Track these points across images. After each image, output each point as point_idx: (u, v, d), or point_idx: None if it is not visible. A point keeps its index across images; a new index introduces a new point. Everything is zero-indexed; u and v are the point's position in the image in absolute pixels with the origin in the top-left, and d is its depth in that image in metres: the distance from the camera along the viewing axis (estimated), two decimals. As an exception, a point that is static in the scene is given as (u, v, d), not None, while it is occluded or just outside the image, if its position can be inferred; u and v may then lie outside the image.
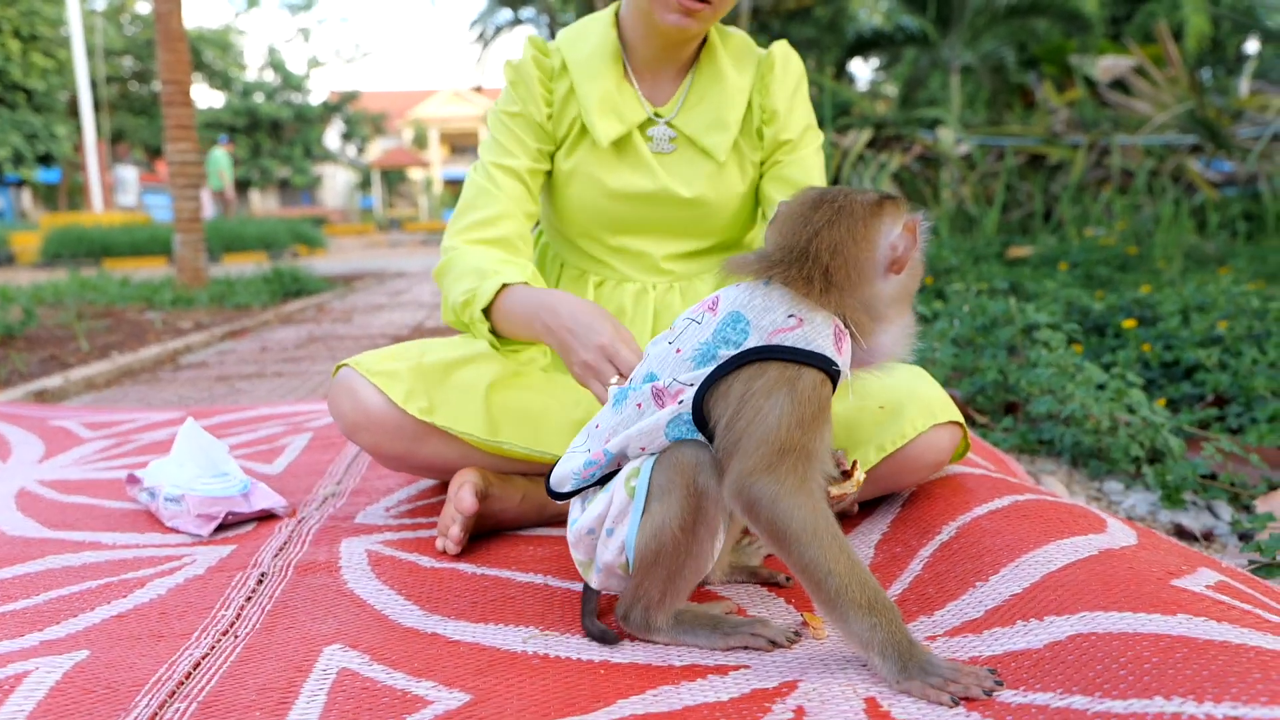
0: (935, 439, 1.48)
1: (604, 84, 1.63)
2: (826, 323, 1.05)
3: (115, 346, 4.58)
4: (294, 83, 33.19)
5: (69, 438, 2.52)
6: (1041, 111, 8.72)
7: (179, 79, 6.84)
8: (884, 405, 1.48)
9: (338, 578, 1.42)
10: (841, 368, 1.06)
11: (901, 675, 0.97)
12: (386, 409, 1.52)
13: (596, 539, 1.16)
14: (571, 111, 1.66)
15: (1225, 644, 0.90)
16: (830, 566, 0.98)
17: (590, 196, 1.67)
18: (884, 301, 1.08)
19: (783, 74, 1.67)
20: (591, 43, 1.66)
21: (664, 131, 1.67)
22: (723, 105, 1.65)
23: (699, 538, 1.09)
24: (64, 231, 13.71)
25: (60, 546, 1.61)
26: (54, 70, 22.45)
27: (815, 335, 1.04)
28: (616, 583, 1.18)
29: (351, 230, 28.53)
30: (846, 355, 1.07)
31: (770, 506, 1.00)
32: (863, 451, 1.46)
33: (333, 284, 8.50)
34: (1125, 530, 1.29)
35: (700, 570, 1.12)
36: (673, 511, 1.08)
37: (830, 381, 1.06)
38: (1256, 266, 4.88)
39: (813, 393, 1.03)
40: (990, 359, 2.71)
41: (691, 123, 1.66)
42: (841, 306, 1.06)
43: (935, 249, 5.14)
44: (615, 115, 1.64)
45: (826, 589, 0.99)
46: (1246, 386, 2.31)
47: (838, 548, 1.00)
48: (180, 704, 1.02)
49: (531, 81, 1.66)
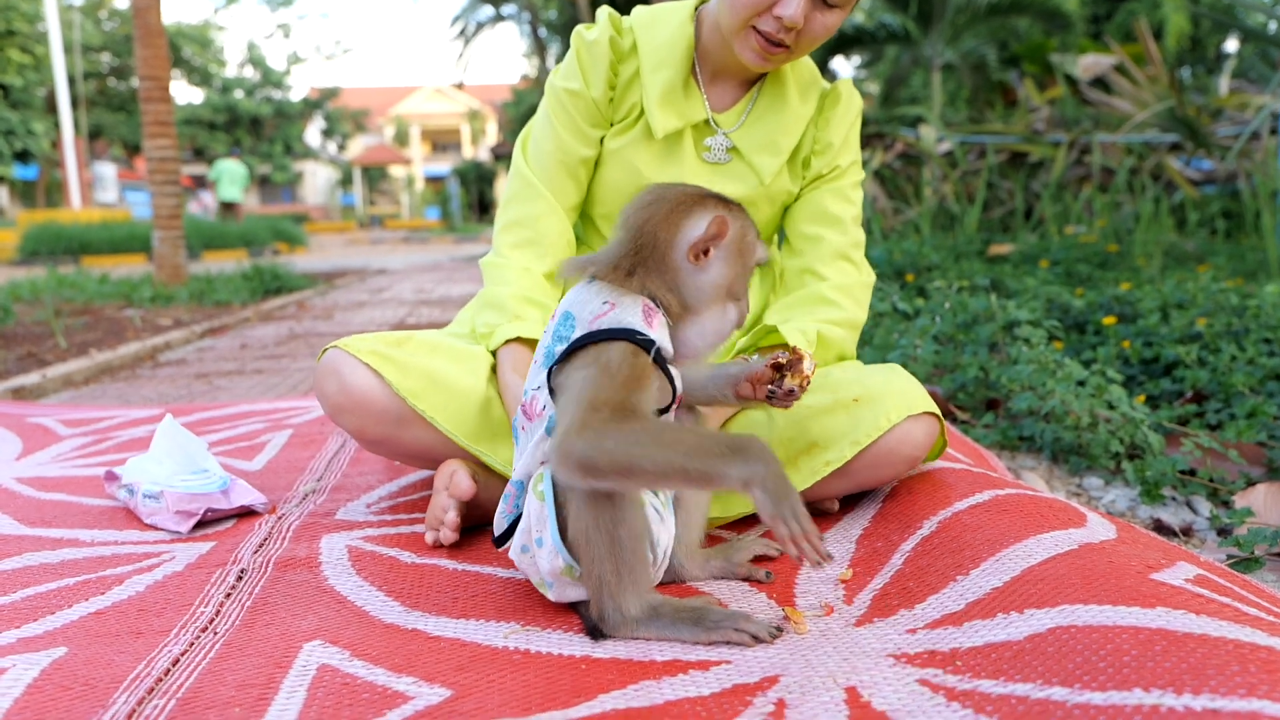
0: (911, 432, 1.47)
1: (670, 76, 1.61)
2: (636, 302, 1.14)
3: (94, 344, 4.53)
4: (274, 79, 33.02)
5: (47, 435, 2.49)
6: (1023, 109, 8.76)
7: (158, 75, 6.78)
8: (858, 399, 1.48)
9: (318, 574, 1.41)
10: (656, 339, 1.12)
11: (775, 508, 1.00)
12: (371, 391, 1.51)
13: (534, 556, 1.19)
14: (633, 95, 1.65)
15: (1204, 637, 0.90)
16: (668, 457, 1.01)
17: (624, 182, 1.66)
18: (693, 290, 1.15)
19: (845, 110, 1.69)
20: (666, 33, 1.64)
21: (722, 142, 1.67)
22: (779, 129, 1.65)
23: (620, 504, 1.10)
24: (42, 228, 13.57)
25: (38, 544, 1.60)
26: (31, 66, 22.25)
27: (625, 314, 1.12)
28: (573, 591, 1.19)
29: (333, 228, 28.40)
30: (660, 330, 1.14)
31: (588, 451, 1.02)
32: (838, 447, 1.47)
33: (314, 281, 8.45)
34: (1105, 525, 1.30)
35: (641, 536, 1.13)
36: (586, 493, 1.10)
37: (645, 352, 1.11)
38: (1235, 264, 4.92)
39: (621, 360, 1.09)
40: (971, 356, 2.72)
41: (747, 139, 1.66)
42: (647, 287, 1.14)
43: (917, 246, 5.15)
44: (675, 111, 1.63)
45: (681, 473, 1.02)
46: (1225, 383, 2.33)
47: (666, 438, 1.03)
48: (159, 700, 1.01)
49: (600, 61, 1.64)
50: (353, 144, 39.86)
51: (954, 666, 1.00)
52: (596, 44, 1.64)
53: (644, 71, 1.62)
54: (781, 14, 1.47)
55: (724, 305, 1.18)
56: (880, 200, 7.52)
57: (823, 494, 1.53)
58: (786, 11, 1.47)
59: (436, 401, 1.53)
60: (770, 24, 1.50)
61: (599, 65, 1.64)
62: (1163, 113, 7.01)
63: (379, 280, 9.50)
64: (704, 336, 1.17)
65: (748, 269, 1.19)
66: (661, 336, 1.14)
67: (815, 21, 1.51)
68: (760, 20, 1.50)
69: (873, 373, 1.54)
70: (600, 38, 1.64)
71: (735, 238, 1.16)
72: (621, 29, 1.66)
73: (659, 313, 1.15)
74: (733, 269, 1.16)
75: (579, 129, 1.66)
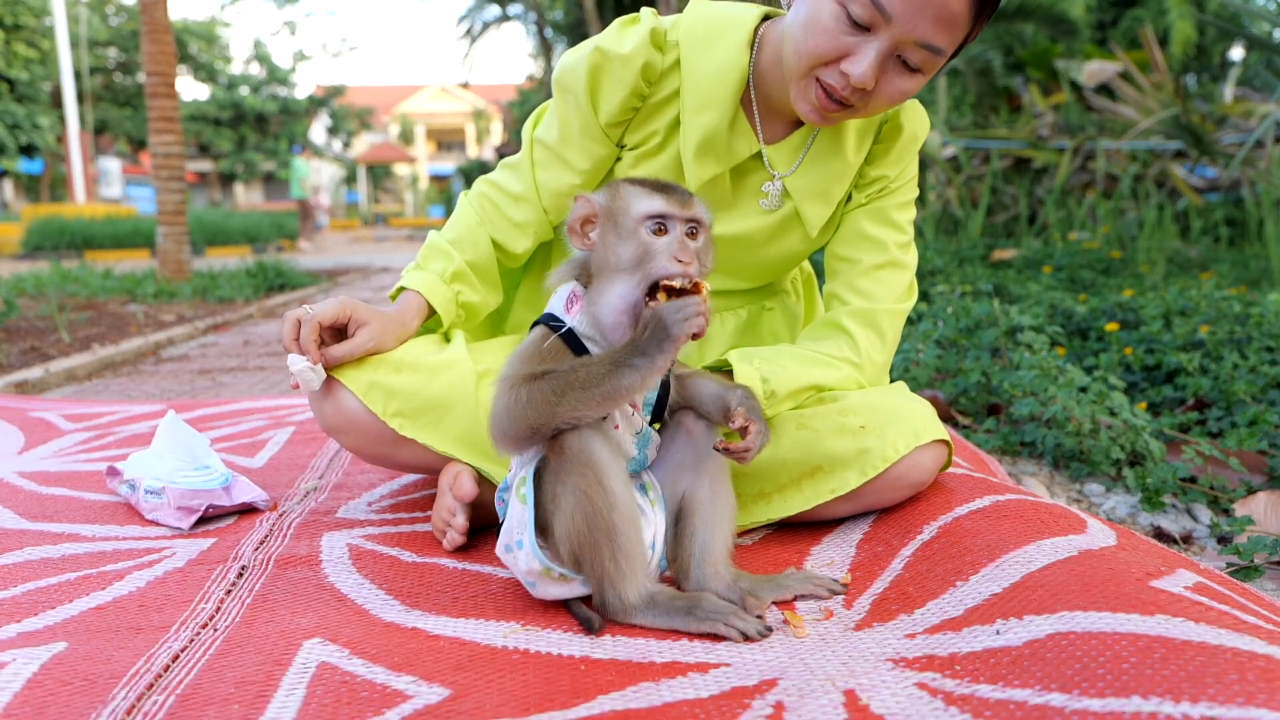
0: (920, 460, 1.44)
1: (715, 120, 1.45)
2: (565, 290, 1.22)
3: (96, 339, 4.54)
4: (280, 76, 33.05)
5: (49, 429, 2.50)
6: (1027, 115, 8.76)
7: (163, 71, 6.79)
8: (865, 426, 1.44)
9: (318, 571, 1.41)
10: (570, 324, 1.19)
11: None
12: (366, 415, 1.50)
13: (514, 556, 1.21)
14: (664, 117, 1.50)
15: (1203, 644, 0.90)
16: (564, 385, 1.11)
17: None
18: (596, 268, 1.20)
19: (906, 143, 1.55)
20: (718, 58, 1.44)
21: (777, 188, 1.54)
22: (831, 178, 1.53)
23: (608, 486, 1.13)
24: (46, 223, 13.59)
25: (39, 538, 1.60)
26: (37, 61, 22.29)
27: (555, 302, 1.23)
28: (556, 589, 1.21)
29: (337, 225, 28.40)
30: (579, 312, 1.20)
31: (504, 425, 1.14)
32: (843, 475, 1.44)
33: (317, 278, 8.46)
34: (1105, 531, 1.29)
35: (634, 520, 1.15)
36: (572, 482, 1.13)
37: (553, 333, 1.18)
38: (1239, 272, 4.92)
39: (531, 343, 1.19)
40: (973, 361, 2.72)
41: (800, 186, 1.53)
42: (570, 276, 1.23)
43: (920, 250, 5.15)
44: (714, 157, 1.48)
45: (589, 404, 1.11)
46: (1227, 391, 2.33)
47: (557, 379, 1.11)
48: (159, 696, 1.01)
49: (624, 83, 1.46)
50: (357, 142, 39.89)
51: (953, 671, 1.00)
52: (627, 62, 1.44)
53: (685, 109, 1.45)
54: (850, 70, 1.28)
55: (611, 278, 1.17)
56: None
57: (825, 515, 1.51)
58: (856, 70, 1.27)
59: (426, 422, 1.50)
60: (836, 78, 1.31)
61: (619, 86, 1.46)
62: (1167, 120, 7.01)
63: (383, 278, 9.50)
64: (606, 306, 1.18)
65: (624, 230, 1.16)
66: (583, 320, 1.20)
67: (890, 85, 1.32)
68: (825, 72, 1.31)
69: (881, 396, 1.49)
70: (634, 55, 1.44)
71: (605, 210, 1.18)
72: (664, 44, 1.46)
73: (582, 298, 1.20)
74: (609, 236, 1.17)
75: (576, 144, 1.54)
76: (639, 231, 1.15)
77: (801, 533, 1.52)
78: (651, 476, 1.29)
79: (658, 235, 1.15)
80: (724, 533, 1.26)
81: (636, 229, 1.15)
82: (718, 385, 1.26)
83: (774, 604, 1.25)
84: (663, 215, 1.15)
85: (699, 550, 1.25)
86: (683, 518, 1.28)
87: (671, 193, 1.17)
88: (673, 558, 1.28)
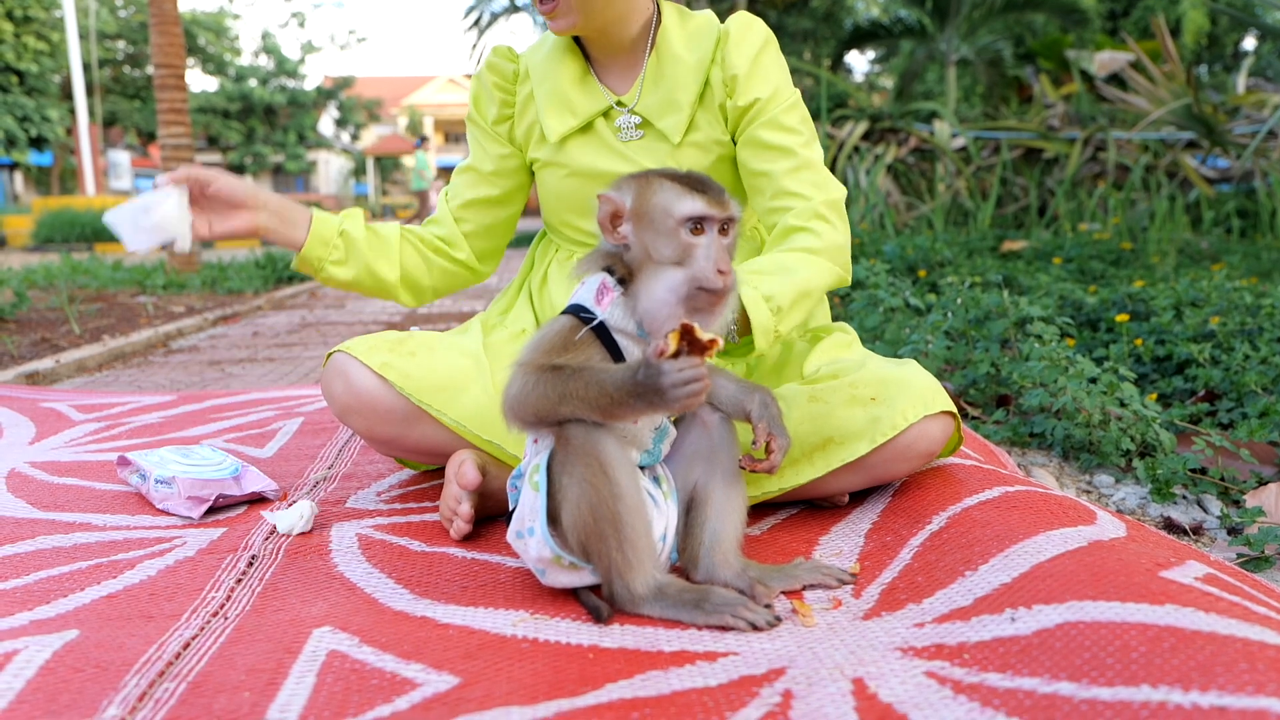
0: (928, 429, 1.46)
1: (557, 82, 1.69)
2: (594, 281, 1.22)
3: (107, 330, 4.56)
4: (288, 68, 33.05)
5: (60, 420, 2.51)
6: (1038, 105, 8.72)
7: (173, 63, 6.80)
8: (875, 397, 1.47)
9: (328, 561, 1.42)
10: (600, 315, 1.19)
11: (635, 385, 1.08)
12: (378, 392, 1.54)
13: (526, 543, 1.22)
14: (532, 113, 1.74)
15: (1212, 634, 0.90)
16: (565, 391, 1.12)
17: (556, 183, 1.73)
18: (634, 262, 1.20)
19: (740, 40, 1.64)
20: (546, 47, 1.73)
21: (630, 119, 1.69)
22: (675, 86, 1.65)
23: (613, 478, 1.13)
24: (56, 215, 13.64)
25: (51, 527, 1.61)
26: (47, 53, 22.34)
27: (583, 292, 1.23)
28: (565, 577, 1.21)
29: (345, 217, 28.35)
30: (610, 304, 1.19)
31: (512, 401, 1.16)
32: (854, 444, 1.46)
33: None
34: (1115, 522, 1.29)
35: (640, 511, 1.15)
36: (578, 473, 1.14)
37: (583, 325, 1.19)
38: (1250, 263, 4.90)
39: (555, 331, 1.19)
40: (983, 352, 2.71)
41: (648, 107, 1.67)
42: (598, 267, 1.22)
43: (930, 242, 5.13)
44: (567, 110, 1.69)
45: (594, 410, 1.12)
46: (1238, 382, 2.32)
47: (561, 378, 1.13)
48: (170, 683, 1.02)
49: (487, 87, 1.76)
50: (366, 134, 39.90)
51: (961, 660, 1.00)
52: (481, 73, 1.77)
53: (535, 86, 1.72)
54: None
55: (656, 271, 1.17)
56: (893, 195, 7.50)
57: (836, 487, 1.52)
58: None
59: (443, 398, 1.55)
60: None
61: (485, 92, 1.77)
62: (1179, 110, 6.97)
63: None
64: (651, 300, 1.17)
65: (662, 231, 1.16)
66: (615, 312, 1.19)
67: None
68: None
69: (890, 369, 1.52)
70: (483, 67, 1.77)
71: (634, 207, 1.18)
72: (511, 56, 1.76)
73: (614, 290, 1.19)
74: (645, 233, 1.18)
75: (481, 147, 1.80)
76: (679, 232, 1.16)
77: (810, 523, 1.52)
78: (665, 469, 1.29)
79: (695, 235, 1.16)
80: (735, 523, 1.27)
81: (677, 230, 1.16)
82: (735, 387, 1.27)
83: (783, 593, 1.25)
84: (703, 217, 1.16)
85: (709, 540, 1.26)
86: (694, 508, 1.28)
87: (708, 191, 1.18)
88: (683, 547, 1.28)
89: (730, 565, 1.25)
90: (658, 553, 1.20)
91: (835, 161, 7.52)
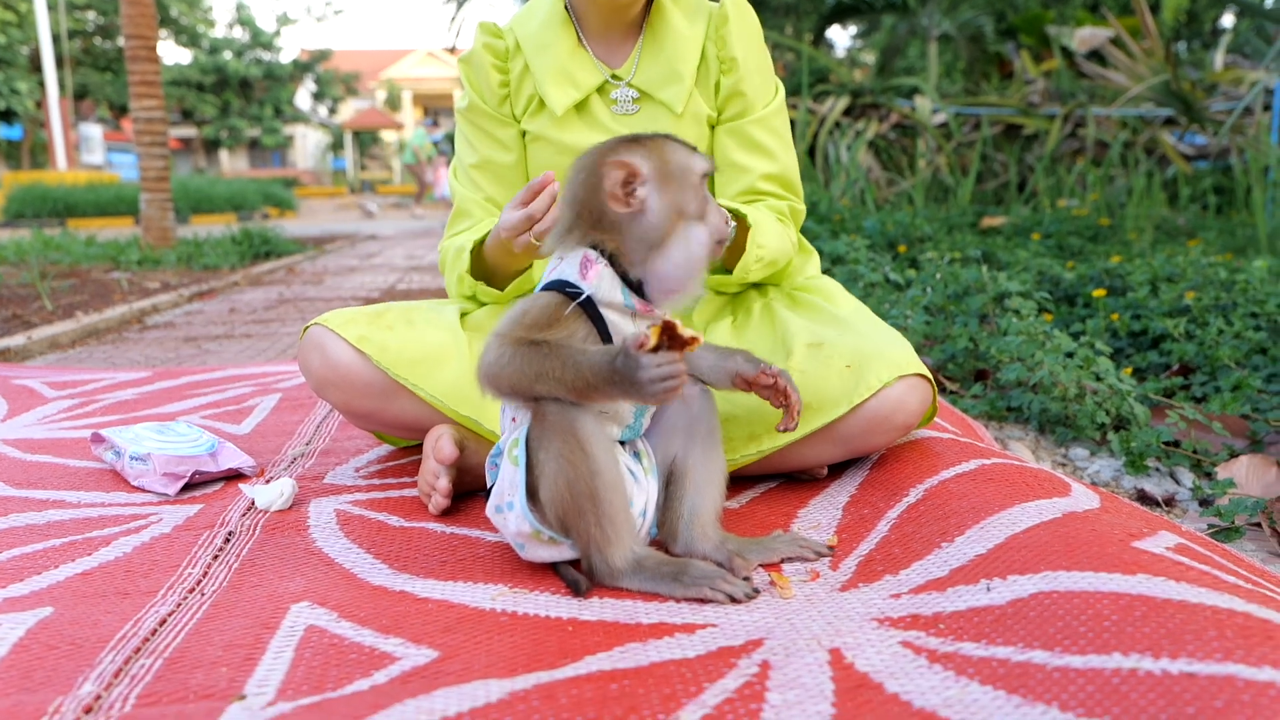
0: (904, 398, 1.46)
1: (556, 53, 1.66)
2: (576, 256, 1.19)
3: (80, 306, 4.51)
4: (264, 40, 32.58)
5: (33, 397, 2.48)
6: (1018, 82, 8.73)
7: (144, 34, 6.69)
8: (851, 365, 1.47)
9: (306, 536, 1.41)
10: (586, 289, 1.17)
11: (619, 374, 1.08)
12: (355, 365, 1.53)
13: (505, 517, 1.21)
14: (529, 86, 1.70)
15: (1183, 603, 0.91)
16: (541, 370, 1.12)
17: (552, 160, 1.69)
18: (646, 230, 1.16)
19: (738, 24, 1.67)
20: (540, 16, 1.69)
21: (626, 93, 1.69)
22: (675, 58, 1.66)
23: (590, 453, 1.13)
24: (27, 190, 13.45)
25: (24, 505, 1.59)
26: (14, 24, 21.92)
27: (565, 268, 1.20)
28: (544, 551, 1.21)
29: (323, 192, 28.17)
30: (596, 278, 1.17)
31: (489, 370, 1.15)
32: (831, 409, 1.47)
33: (303, 246, 8.40)
34: (1088, 494, 1.30)
35: (618, 486, 1.15)
36: (555, 448, 1.14)
37: (571, 300, 1.16)
38: (1225, 240, 4.93)
39: (539, 307, 1.17)
40: (961, 327, 2.72)
41: (647, 79, 1.67)
42: (587, 240, 1.19)
43: (910, 217, 5.14)
44: (570, 83, 1.66)
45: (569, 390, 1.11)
46: (1212, 356, 2.34)
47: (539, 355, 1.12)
48: (146, 660, 1.02)
49: (484, 68, 1.70)
50: (343, 108, 39.45)
51: (937, 630, 1.01)
52: (474, 55, 1.71)
53: (529, 59, 1.68)
54: None
55: (685, 229, 1.17)
56: (874, 171, 7.50)
57: (814, 458, 1.53)
58: None
59: (421, 372, 1.54)
60: None
61: (485, 73, 1.70)
62: (1158, 87, 6.99)
63: (369, 246, 9.45)
64: (676, 265, 1.17)
65: (688, 186, 1.18)
66: (602, 286, 1.17)
67: None
68: None
69: (867, 339, 1.52)
70: (475, 48, 1.71)
71: (655, 169, 1.17)
72: (498, 33, 1.72)
73: (598, 263, 1.17)
74: (670, 195, 1.17)
75: (488, 134, 1.73)
76: (702, 188, 1.20)
77: (788, 496, 1.53)
78: (645, 444, 1.29)
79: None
80: (713, 496, 1.27)
81: (701, 186, 1.20)
82: (714, 355, 1.28)
83: (761, 566, 1.26)
84: (707, 172, 1.21)
85: (688, 512, 1.26)
86: (673, 481, 1.28)
87: (697, 149, 1.23)
88: (662, 520, 1.28)
89: (709, 538, 1.26)
90: (637, 527, 1.21)
91: (816, 137, 7.51)
